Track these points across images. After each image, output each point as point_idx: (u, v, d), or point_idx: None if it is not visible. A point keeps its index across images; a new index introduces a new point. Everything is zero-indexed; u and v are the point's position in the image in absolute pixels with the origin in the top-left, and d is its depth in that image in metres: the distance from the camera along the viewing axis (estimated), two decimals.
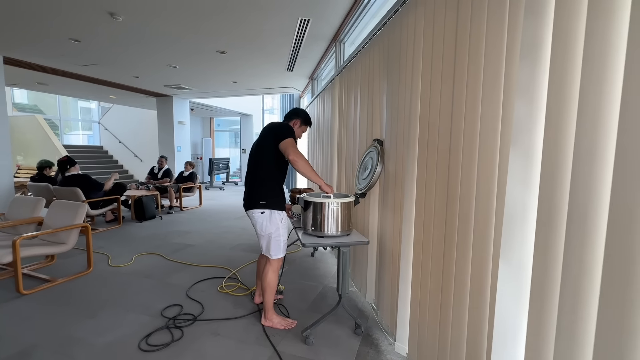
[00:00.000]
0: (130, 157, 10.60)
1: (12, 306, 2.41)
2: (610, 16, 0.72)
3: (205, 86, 6.59)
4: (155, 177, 6.48)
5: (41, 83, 6.38)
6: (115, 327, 2.14)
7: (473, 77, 1.19)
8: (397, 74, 1.87)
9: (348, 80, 2.97)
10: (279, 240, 2.05)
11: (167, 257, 3.55)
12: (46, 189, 4.65)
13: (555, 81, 0.86)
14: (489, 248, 1.10)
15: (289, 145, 1.97)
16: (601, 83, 0.73)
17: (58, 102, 12.23)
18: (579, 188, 0.79)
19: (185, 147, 8.47)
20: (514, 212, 0.98)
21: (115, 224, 4.99)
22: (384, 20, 2.08)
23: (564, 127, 0.83)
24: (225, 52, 4.26)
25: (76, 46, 4.10)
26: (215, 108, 9.96)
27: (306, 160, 1.98)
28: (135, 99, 8.26)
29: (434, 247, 1.48)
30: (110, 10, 3.02)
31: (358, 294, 2.71)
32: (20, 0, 2.86)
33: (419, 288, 1.63)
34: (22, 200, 3.39)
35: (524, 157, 0.95)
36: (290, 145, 1.97)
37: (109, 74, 5.66)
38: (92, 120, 13.14)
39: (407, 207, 1.73)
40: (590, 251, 0.76)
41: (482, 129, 1.14)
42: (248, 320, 2.25)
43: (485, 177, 1.12)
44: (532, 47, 0.92)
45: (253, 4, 2.88)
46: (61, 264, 3.29)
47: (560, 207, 0.84)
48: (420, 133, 1.61)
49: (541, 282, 0.89)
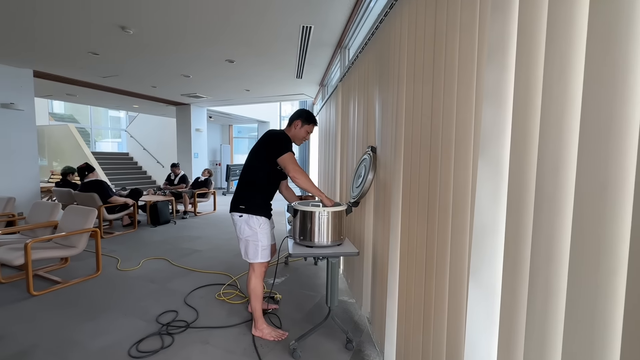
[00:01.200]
0: (153, 163, 11.05)
1: (21, 306, 2.53)
2: (570, 14, 0.64)
3: (220, 94, 6.76)
4: (172, 183, 6.70)
5: (70, 94, 6.80)
6: (111, 331, 2.19)
7: (449, 82, 1.12)
8: (387, 80, 1.81)
9: (348, 86, 2.93)
10: (256, 244, 2.03)
11: (173, 262, 3.62)
12: (68, 194, 4.91)
13: (520, 84, 0.78)
14: (464, 267, 1.01)
15: (287, 162, 1.95)
16: (565, 86, 0.65)
17: (90, 111, 13.03)
18: (544, 199, 0.70)
19: (202, 154, 8.71)
20: (484, 227, 0.89)
21: (131, 228, 5.17)
22: (375, 24, 2.03)
23: (530, 134, 0.75)
24: (234, 61, 4.34)
25: (95, 59, 4.34)
26: (233, 115, 10.21)
27: (306, 176, 1.97)
28: (156, 108, 8.62)
29: (416, 260, 1.39)
30: (121, 24, 3.17)
31: (355, 305, 2.62)
32: (44, 17, 3.06)
33: (404, 303, 1.54)
34: (41, 205, 3.59)
35: (493, 166, 0.87)
36: (289, 162, 1.95)
37: (129, 85, 5.94)
38: (120, 129, 13.88)
39: (394, 218, 1.65)
40: (556, 271, 0.67)
41: (457, 138, 1.06)
42: (239, 329, 2.23)
43: (460, 188, 1.04)
44: (498, 47, 0.84)
45: (255, 13, 2.91)
46: (74, 267, 3.43)
47: (526, 220, 0.75)
48: (405, 141, 1.53)
49: (509, 305, 0.80)
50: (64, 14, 2.96)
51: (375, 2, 2.64)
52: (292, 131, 2.14)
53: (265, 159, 2.03)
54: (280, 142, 2.01)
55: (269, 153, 2.01)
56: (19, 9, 2.89)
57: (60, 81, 5.47)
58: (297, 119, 2.17)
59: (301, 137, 2.15)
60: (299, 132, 2.14)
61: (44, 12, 2.93)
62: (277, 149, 1.98)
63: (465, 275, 1.01)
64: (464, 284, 1.01)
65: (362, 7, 2.72)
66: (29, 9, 2.87)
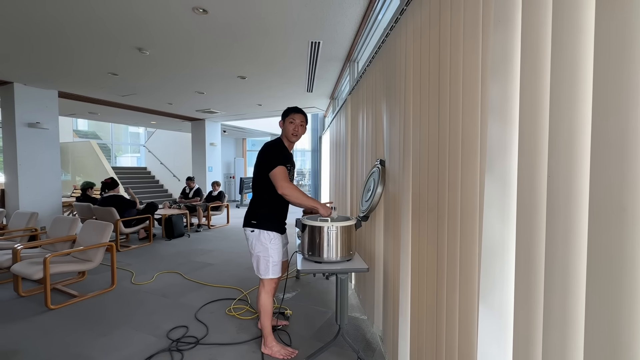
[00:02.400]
0: (170, 177, 11.33)
1: (39, 320, 2.58)
2: (576, 24, 0.61)
3: (233, 109, 6.92)
4: (187, 196, 6.82)
5: (92, 112, 7.12)
6: (123, 347, 2.20)
7: (454, 96, 1.09)
8: (394, 93, 1.80)
9: (357, 99, 2.94)
10: (267, 260, 2.01)
11: (186, 276, 3.64)
12: (87, 208, 5.07)
13: (525, 98, 0.75)
14: (474, 289, 0.96)
15: (276, 178, 1.93)
16: (574, 99, 0.62)
17: (111, 128, 13.60)
18: (558, 218, 0.66)
19: (217, 167, 8.87)
20: (493, 247, 0.85)
21: (147, 241, 5.27)
22: (382, 38, 2.03)
23: (539, 149, 0.71)
24: (246, 77, 4.45)
25: (115, 79, 4.54)
26: (247, 129, 10.40)
27: (296, 190, 1.94)
28: (172, 124, 8.89)
29: (427, 280, 1.34)
30: (138, 45, 3.31)
31: (367, 322, 2.55)
32: (69, 43, 3.24)
33: (416, 323, 1.48)
34: (61, 219, 3.72)
35: (500, 184, 0.83)
36: (278, 178, 1.92)
37: (146, 102, 6.16)
38: (139, 144, 14.37)
39: (404, 234, 1.60)
40: (573, 300, 0.62)
41: (464, 153, 1.03)
42: (248, 346, 2.19)
43: (468, 206, 1.00)
44: (502, 61, 0.82)
45: (264, 32, 2.99)
46: (91, 280, 3.51)
47: (538, 241, 0.71)
48: (413, 155, 1.50)
49: (525, 334, 0.75)
50: (88, 38, 3.13)
51: (383, 16, 2.66)
52: (283, 134, 2.14)
53: (262, 172, 2.03)
54: (270, 155, 1.99)
55: (262, 168, 2.01)
56: (47, 37, 3.07)
57: (83, 100, 5.74)
58: (281, 119, 2.16)
59: (290, 132, 2.08)
60: (286, 130, 2.10)
61: (70, 38, 3.11)
62: (267, 164, 1.96)
63: (475, 297, 0.96)
64: (475, 307, 0.96)
65: (370, 21, 2.75)
66: (57, 36, 3.05)
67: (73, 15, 2.67)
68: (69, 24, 2.83)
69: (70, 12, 2.63)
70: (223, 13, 2.65)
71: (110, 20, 2.75)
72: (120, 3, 2.48)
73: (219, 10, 2.60)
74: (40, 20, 2.76)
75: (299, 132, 2.09)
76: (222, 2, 2.48)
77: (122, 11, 2.60)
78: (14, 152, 4.92)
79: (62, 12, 2.63)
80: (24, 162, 4.96)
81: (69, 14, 2.65)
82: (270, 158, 1.97)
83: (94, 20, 2.77)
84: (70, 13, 2.64)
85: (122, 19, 2.74)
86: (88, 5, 2.51)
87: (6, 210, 4.98)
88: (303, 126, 2.12)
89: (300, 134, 2.10)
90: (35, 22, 2.80)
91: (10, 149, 4.97)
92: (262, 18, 2.74)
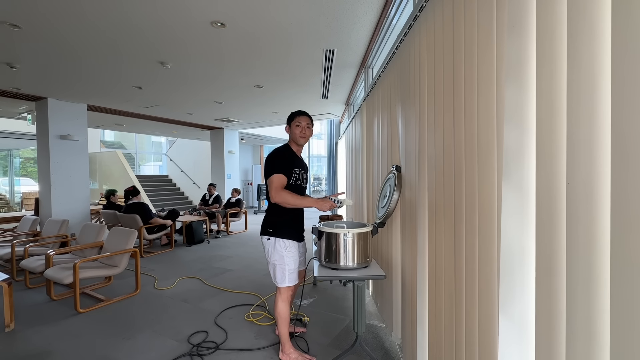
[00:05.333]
0: (190, 184, 11.65)
1: (68, 323, 2.71)
2: (593, 27, 0.60)
3: (250, 117, 7.06)
4: (206, 203, 6.99)
5: (118, 124, 7.46)
6: (146, 350, 2.27)
7: (469, 102, 1.08)
8: (408, 99, 1.80)
9: (372, 105, 2.94)
10: (283, 268, 2.02)
11: (205, 281, 3.72)
12: (114, 216, 5.29)
13: (542, 104, 0.73)
14: (494, 299, 0.94)
15: (270, 187, 1.96)
16: (593, 104, 0.61)
17: (135, 138, 14.18)
18: (579, 226, 0.64)
19: (235, 174, 9.05)
20: (511, 256, 0.83)
21: (168, 247, 5.43)
22: (396, 44, 2.04)
23: (557, 156, 0.70)
24: (262, 86, 4.55)
25: (139, 92, 4.75)
26: (264, 137, 10.57)
27: (289, 195, 1.94)
28: (192, 133, 9.17)
29: (445, 289, 1.31)
30: (160, 60, 3.46)
31: (386, 330, 2.51)
32: (98, 60, 3.44)
33: (434, 332, 1.45)
34: (89, 226, 3.90)
35: (518, 191, 0.81)
36: (271, 188, 1.95)
37: (168, 113, 6.40)
38: (161, 153, 14.89)
39: (421, 241, 1.58)
40: (597, 311, 0.60)
41: (480, 160, 1.01)
42: (267, 352, 2.21)
43: (486, 214, 0.98)
44: (517, 66, 0.81)
45: (280, 43, 3.06)
46: (117, 285, 3.64)
47: (560, 250, 0.69)
48: (429, 161, 1.49)
49: (547, 345, 0.73)
50: (117, 56, 3.31)
51: (397, 22, 2.67)
52: (290, 138, 2.16)
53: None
54: (269, 163, 2.02)
55: (266, 176, 2.04)
56: (79, 56, 3.27)
57: (110, 113, 6.04)
58: (286, 125, 2.20)
59: (298, 135, 2.10)
60: (293, 134, 2.12)
61: (99, 56, 3.30)
62: (267, 172, 2.00)
63: (495, 307, 0.93)
64: (495, 316, 0.93)
65: (384, 27, 2.76)
66: (89, 55, 3.24)
67: (104, 36, 2.84)
68: (98, 45, 3.01)
69: (101, 35, 2.79)
70: (240, 26, 2.73)
71: (135, 37, 2.90)
72: (144, 23, 2.61)
73: (235, 24, 2.69)
74: (75, 42, 2.95)
75: (306, 134, 2.10)
76: (238, 16, 2.56)
77: (146, 29, 2.74)
78: (47, 163, 5.22)
79: (93, 35, 2.80)
80: (56, 172, 5.25)
81: (100, 36, 2.81)
82: (269, 167, 2.00)
83: (121, 40, 2.93)
84: (101, 35, 2.80)
85: (146, 37, 2.88)
86: (116, 27, 2.66)
87: (40, 217, 5.27)
88: (309, 128, 2.14)
89: (307, 136, 2.12)
90: (70, 44, 2.99)
91: (44, 160, 5.28)
92: (278, 29, 2.81)
